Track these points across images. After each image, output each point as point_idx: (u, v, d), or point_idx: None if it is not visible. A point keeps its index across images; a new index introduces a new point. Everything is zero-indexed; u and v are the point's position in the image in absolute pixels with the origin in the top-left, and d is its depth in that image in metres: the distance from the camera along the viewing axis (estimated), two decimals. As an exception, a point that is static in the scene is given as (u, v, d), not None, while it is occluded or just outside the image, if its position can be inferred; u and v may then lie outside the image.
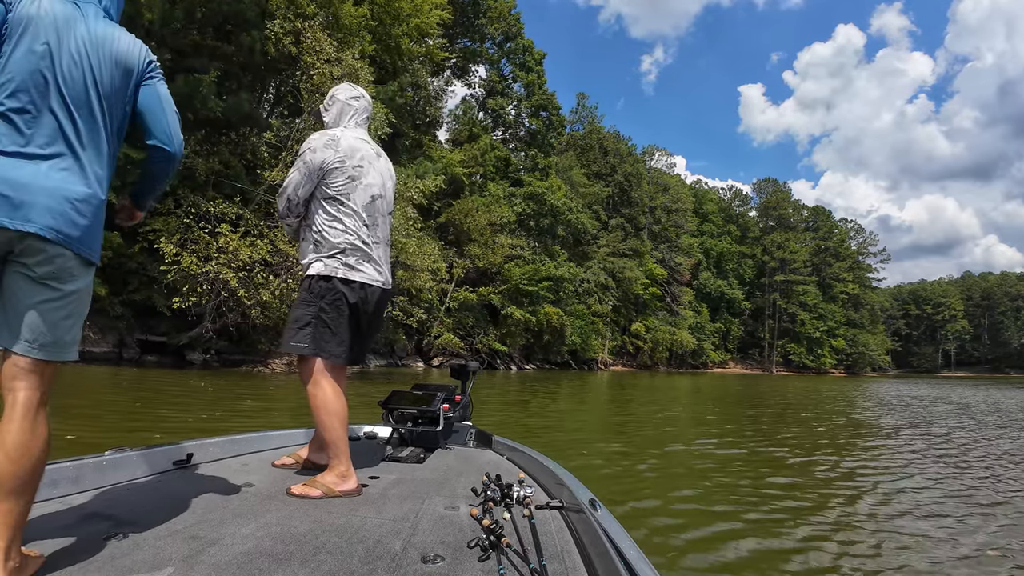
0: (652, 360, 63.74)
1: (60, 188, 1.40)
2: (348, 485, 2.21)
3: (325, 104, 2.70)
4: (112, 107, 1.55)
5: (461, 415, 3.43)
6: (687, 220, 74.54)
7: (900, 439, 10.74)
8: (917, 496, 6.03)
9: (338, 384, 2.40)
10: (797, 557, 4.04)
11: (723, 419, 13.48)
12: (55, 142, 1.42)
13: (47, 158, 1.40)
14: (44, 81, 1.41)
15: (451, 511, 2.01)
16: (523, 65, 47.55)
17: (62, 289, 1.41)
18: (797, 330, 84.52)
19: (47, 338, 1.39)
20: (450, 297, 33.99)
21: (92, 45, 1.51)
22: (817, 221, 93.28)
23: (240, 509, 1.92)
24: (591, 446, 8.45)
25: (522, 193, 43.29)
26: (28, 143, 1.38)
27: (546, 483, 2.39)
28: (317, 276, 2.40)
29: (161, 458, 2.36)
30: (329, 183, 2.43)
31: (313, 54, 17.24)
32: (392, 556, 1.55)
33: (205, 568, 1.41)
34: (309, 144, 2.45)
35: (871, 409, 18.08)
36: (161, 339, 18.16)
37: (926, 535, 4.65)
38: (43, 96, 1.41)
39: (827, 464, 7.82)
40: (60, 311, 1.41)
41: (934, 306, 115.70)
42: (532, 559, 1.53)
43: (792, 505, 5.51)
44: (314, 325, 2.36)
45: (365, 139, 2.63)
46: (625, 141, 66.62)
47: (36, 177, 1.37)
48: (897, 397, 25.63)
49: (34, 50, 1.41)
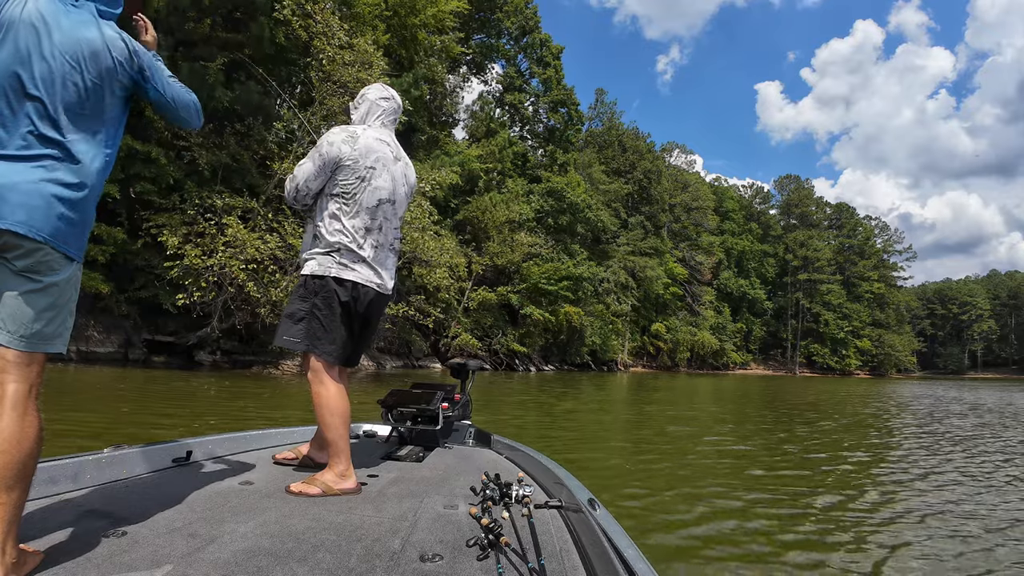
0: (673, 361, 62.43)
1: (38, 186, 1.41)
2: (347, 484, 2.20)
3: (355, 102, 2.67)
4: (99, 104, 1.55)
5: (460, 414, 3.41)
6: (707, 218, 73.06)
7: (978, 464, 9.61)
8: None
9: (341, 383, 2.41)
10: (797, 558, 3.99)
11: (766, 428, 12.42)
12: (34, 143, 1.43)
13: (26, 159, 1.41)
14: (20, 83, 1.43)
15: (450, 510, 2.01)
16: (540, 60, 46.63)
17: (42, 281, 1.42)
18: (821, 330, 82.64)
19: (28, 329, 1.40)
20: (468, 296, 33.11)
21: (71, 43, 1.50)
22: (841, 218, 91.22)
23: (239, 507, 1.91)
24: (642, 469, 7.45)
25: (540, 190, 42.31)
26: (5, 145, 1.41)
27: (545, 482, 2.39)
28: (311, 275, 2.38)
29: (160, 456, 2.37)
30: (339, 179, 2.40)
31: (323, 39, 16.39)
32: (391, 554, 1.55)
33: (204, 565, 1.41)
34: (328, 137, 2.41)
35: (927, 415, 16.87)
36: (169, 339, 17.45)
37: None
38: (19, 97, 1.43)
39: (845, 470, 7.25)
40: (40, 301, 1.42)
41: (960, 306, 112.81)
42: (531, 558, 1.52)
43: (804, 509, 5.31)
44: (307, 321, 2.35)
45: (387, 140, 2.57)
46: (644, 138, 65.29)
47: (10, 175, 1.38)
48: (939, 402, 24.27)
49: (14, 51, 1.44)
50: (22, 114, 1.41)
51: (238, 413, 8.91)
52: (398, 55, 25.79)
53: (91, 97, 1.51)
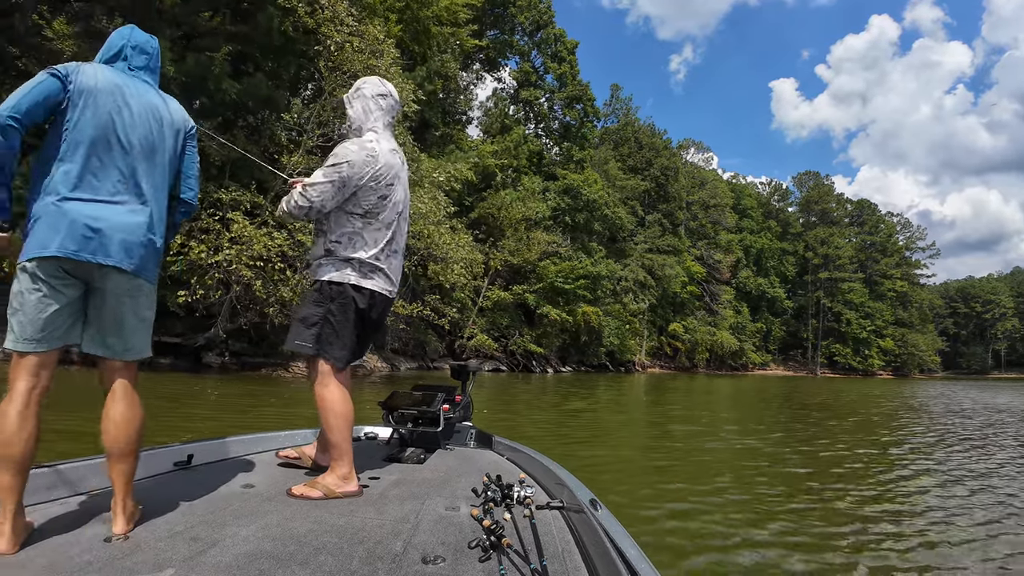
0: (691, 362, 61.12)
1: (131, 227, 1.77)
2: (349, 487, 2.20)
3: (350, 95, 2.58)
4: (166, 162, 1.93)
5: (461, 415, 3.38)
6: (725, 216, 71.54)
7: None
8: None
9: (345, 386, 2.39)
10: (799, 558, 3.94)
11: (795, 434, 11.53)
12: (121, 190, 1.79)
13: (116, 203, 1.77)
14: (107, 140, 1.77)
15: (452, 512, 2.00)
16: (555, 55, 45.76)
17: (136, 305, 1.83)
18: (842, 330, 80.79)
19: (127, 344, 1.82)
20: (483, 296, 32.34)
21: (144, 107, 1.87)
22: (862, 215, 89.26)
23: (241, 510, 1.92)
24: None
25: (556, 187, 41.44)
26: (98, 191, 1.74)
27: (547, 483, 2.37)
28: (329, 280, 2.36)
29: (162, 459, 2.38)
30: (360, 200, 2.36)
31: (331, 25, 15.67)
32: (393, 557, 1.55)
33: (206, 569, 1.41)
34: (347, 156, 2.32)
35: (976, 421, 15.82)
36: (176, 340, 16.80)
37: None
38: (108, 152, 1.77)
39: (860, 476, 6.90)
40: (133, 322, 1.83)
41: (983, 304, 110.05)
42: (533, 559, 1.52)
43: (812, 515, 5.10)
44: (320, 326, 2.34)
45: (396, 148, 2.54)
46: (660, 135, 64.12)
47: (111, 217, 1.74)
48: (986, 409, 23.10)
49: (99, 116, 1.76)
50: (111, 166, 1.77)
51: (241, 420, 8.19)
52: (411, 50, 25.12)
53: (157, 151, 1.88)
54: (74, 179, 1.69)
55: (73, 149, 1.70)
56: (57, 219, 1.66)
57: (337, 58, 16.09)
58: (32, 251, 1.64)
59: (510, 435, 3.29)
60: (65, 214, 1.66)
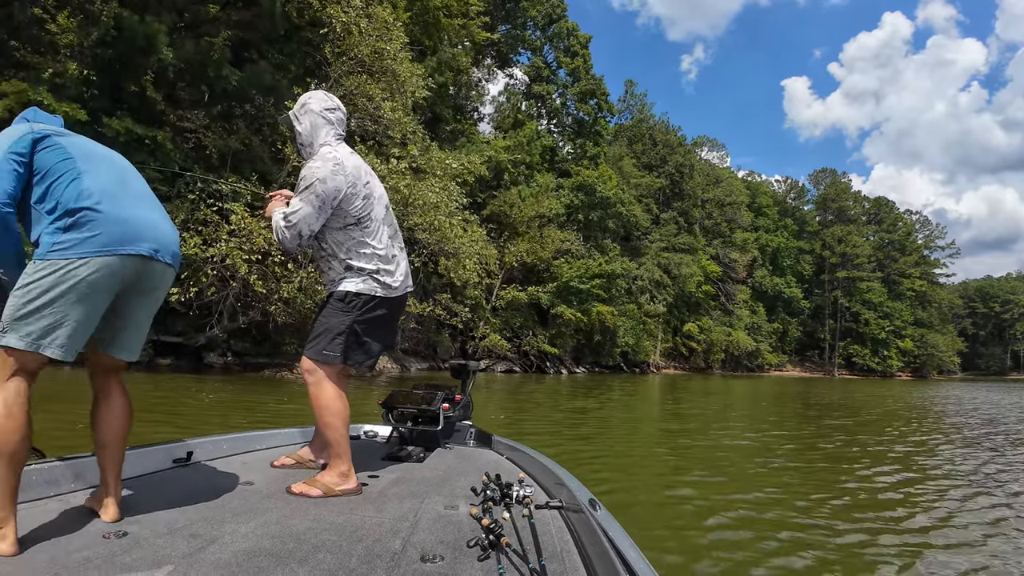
0: (706, 363, 59.92)
1: (175, 229, 1.89)
2: (348, 485, 2.18)
3: (296, 111, 2.49)
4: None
5: (461, 415, 3.35)
6: (741, 214, 70.24)
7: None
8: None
9: (340, 386, 2.39)
10: (798, 559, 3.80)
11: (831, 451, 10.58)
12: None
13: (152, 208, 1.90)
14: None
15: (451, 510, 1.99)
16: (568, 50, 44.84)
17: (159, 300, 1.90)
18: (861, 330, 79.14)
19: (140, 345, 1.85)
20: (496, 295, 31.48)
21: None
22: (880, 213, 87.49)
23: (240, 507, 1.91)
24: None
25: (570, 184, 40.51)
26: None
27: (546, 483, 2.37)
28: (355, 292, 2.36)
29: (161, 456, 2.36)
30: (348, 210, 2.34)
31: (337, 7, 14.86)
32: (392, 555, 1.54)
33: (205, 566, 1.39)
34: (316, 174, 2.28)
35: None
36: (176, 339, 16.05)
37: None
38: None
39: (871, 482, 6.46)
40: (148, 323, 1.88)
41: (1002, 304, 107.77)
42: (531, 559, 1.51)
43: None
44: (346, 335, 2.34)
45: (352, 151, 2.48)
46: (675, 132, 63.03)
47: (160, 219, 1.84)
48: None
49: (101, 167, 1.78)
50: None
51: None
52: (421, 44, 24.33)
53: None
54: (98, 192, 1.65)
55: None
56: (121, 222, 1.64)
57: (344, 43, 15.30)
58: (110, 246, 1.59)
59: (534, 443, 3.12)
60: (127, 219, 1.66)
